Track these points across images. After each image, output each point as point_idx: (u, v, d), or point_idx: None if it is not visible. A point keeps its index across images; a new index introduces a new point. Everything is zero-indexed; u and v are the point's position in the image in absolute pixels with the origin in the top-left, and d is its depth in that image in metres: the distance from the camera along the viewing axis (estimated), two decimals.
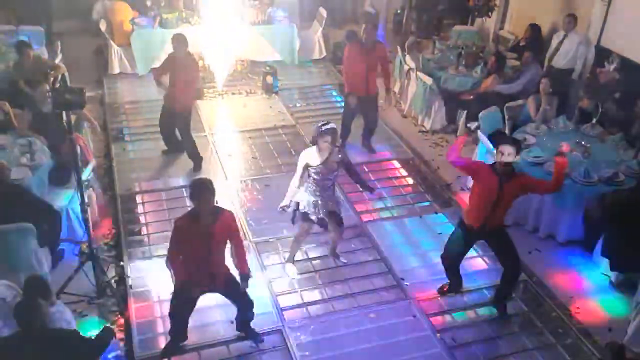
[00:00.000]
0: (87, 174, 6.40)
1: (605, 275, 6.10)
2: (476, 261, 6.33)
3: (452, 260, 5.65)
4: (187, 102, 7.41)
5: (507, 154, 4.94)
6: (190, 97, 7.57)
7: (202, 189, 4.47)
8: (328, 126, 5.45)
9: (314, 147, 5.55)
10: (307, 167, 5.58)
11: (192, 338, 5.19)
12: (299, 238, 6.01)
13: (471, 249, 5.79)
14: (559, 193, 6.27)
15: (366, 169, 8.02)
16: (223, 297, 5.06)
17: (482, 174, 5.13)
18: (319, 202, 5.62)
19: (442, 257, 5.70)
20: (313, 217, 5.66)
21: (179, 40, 7.14)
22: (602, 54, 8.51)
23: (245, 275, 4.86)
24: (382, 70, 7.88)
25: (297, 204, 5.71)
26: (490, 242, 5.58)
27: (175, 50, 7.18)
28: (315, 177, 5.55)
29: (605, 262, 6.04)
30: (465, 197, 6.99)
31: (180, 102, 7.32)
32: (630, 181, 6.33)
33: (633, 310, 5.21)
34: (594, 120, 7.30)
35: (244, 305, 5.08)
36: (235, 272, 4.90)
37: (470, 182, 7.51)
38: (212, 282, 4.80)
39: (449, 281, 5.84)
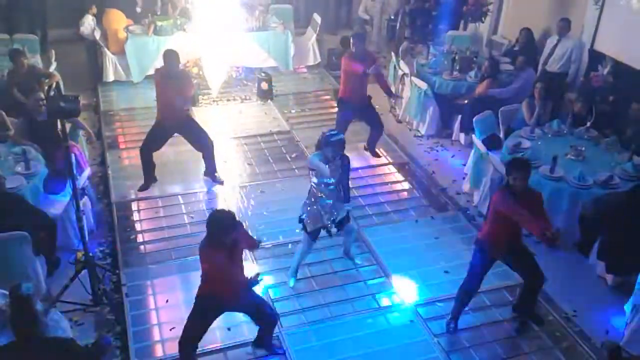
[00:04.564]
0: (82, 182, 6.39)
1: (602, 277, 6.11)
2: None
3: (473, 291, 5.47)
4: (187, 110, 7.33)
5: (522, 178, 4.89)
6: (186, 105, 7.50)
7: (225, 227, 4.38)
8: (336, 137, 5.40)
9: (318, 153, 5.50)
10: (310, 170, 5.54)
11: None
12: (303, 254, 5.96)
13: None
14: (554, 196, 6.32)
15: (362, 174, 8.03)
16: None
17: (507, 205, 4.94)
18: (322, 211, 5.60)
19: (464, 291, 5.44)
20: (323, 224, 5.64)
21: (173, 56, 6.95)
22: (596, 58, 8.56)
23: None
24: (375, 79, 7.90)
25: (305, 221, 5.67)
26: (513, 261, 5.42)
27: (170, 66, 6.99)
28: (317, 182, 5.53)
29: (601, 265, 6.06)
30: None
31: (183, 113, 7.23)
32: (624, 184, 6.35)
33: (630, 312, 5.23)
34: (588, 124, 7.33)
35: (267, 320, 4.95)
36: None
37: (466, 187, 7.57)
38: (236, 293, 4.68)
39: (454, 314, 5.57)
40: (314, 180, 5.56)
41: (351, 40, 7.80)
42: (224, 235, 4.43)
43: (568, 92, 8.67)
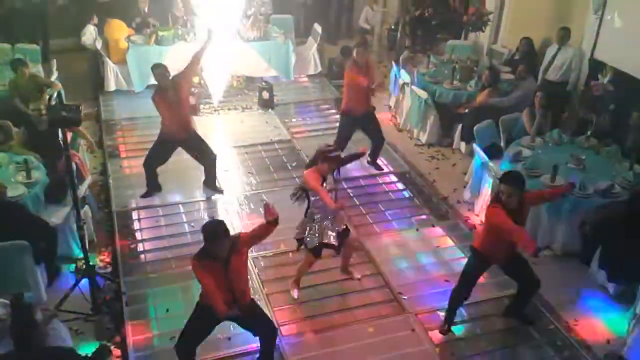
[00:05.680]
0: (83, 190, 6.39)
1: (603, 286, 6.09)
2: None
3: (467, 294, 5.47)
4: (191, 122, 7.34)
5: (516, 192, 4.87)
6: (190, 115, 7.49)
7: (216, 236, 4.32)
8: (334, 154, 5.37)
9: (312, 168, 5.44)
10: (305, 189, 5.48)
11: None
12: (303, 269, 5.92)
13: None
14: (555, 205, 6.31)
15: (362, 183, 8.04)
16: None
17: (500, 220, 4.90)
18: (325, 226, 5.55)
19: (456, 296, 5.47)
20: (328, 241, 5.57)
21: (160, 69, 6.94)
22: (596, 67, 8.57)
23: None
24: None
25: (305, 239, 5.61)
26: (508, 267, 5.43)
27: (160, 80, 6.98)
28: (315, 199, 5.48)
29: (603, 274, 6.05)
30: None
31: (189, 125, 7.25)
32: (625, 193, 6.34)
33: (631, 321, 5.21)
34: (588, 133, 7.34)
35: (267, 334, 4.90)
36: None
37: (467, 196, 7.57)
38: (237, 304, 4.62)
39: (447, 318, 5.59)
40: (312, 197, 5.51)
41: (354, 51, 7.77)
42: (213, 246, 4.34)
43: (568, 101, 8.67)
